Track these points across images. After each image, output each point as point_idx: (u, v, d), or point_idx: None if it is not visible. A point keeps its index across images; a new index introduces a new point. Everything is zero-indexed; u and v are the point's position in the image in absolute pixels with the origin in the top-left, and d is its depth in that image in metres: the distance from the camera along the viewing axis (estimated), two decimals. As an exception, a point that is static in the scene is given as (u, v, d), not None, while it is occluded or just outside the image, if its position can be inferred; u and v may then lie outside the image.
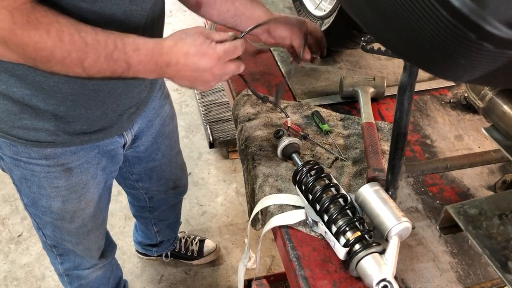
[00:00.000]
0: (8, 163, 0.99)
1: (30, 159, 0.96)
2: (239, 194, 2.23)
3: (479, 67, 0.36)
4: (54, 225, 1.14)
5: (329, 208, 0.81)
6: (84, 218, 1.16)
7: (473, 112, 1.16)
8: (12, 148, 0.94)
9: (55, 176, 1.01)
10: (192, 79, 0.80)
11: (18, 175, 1.02)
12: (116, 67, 0.75)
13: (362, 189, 0.82)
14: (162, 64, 0.78)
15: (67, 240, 1.20)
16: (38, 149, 0.94)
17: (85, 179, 1.06)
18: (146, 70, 0.78)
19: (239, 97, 1.16)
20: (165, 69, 0.78)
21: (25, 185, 1.03)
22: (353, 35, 1.17)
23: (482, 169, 1.01)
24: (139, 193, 1.45)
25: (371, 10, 0.41)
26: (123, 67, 0.75)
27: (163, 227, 1.69)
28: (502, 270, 0.56)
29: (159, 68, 0.78)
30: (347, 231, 0.78)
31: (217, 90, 2.64)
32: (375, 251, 0.75)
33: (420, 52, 0.40)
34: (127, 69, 0.76)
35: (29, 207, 1.11)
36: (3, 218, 2.10)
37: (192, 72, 0.79)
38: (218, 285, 1.88)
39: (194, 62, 0.77)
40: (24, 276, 1.89)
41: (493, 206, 0.63)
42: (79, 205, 1.11)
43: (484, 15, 0.30)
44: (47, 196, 1.04)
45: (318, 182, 0.85)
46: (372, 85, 1.15)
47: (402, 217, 0.76)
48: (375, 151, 0.97)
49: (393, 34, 0.41)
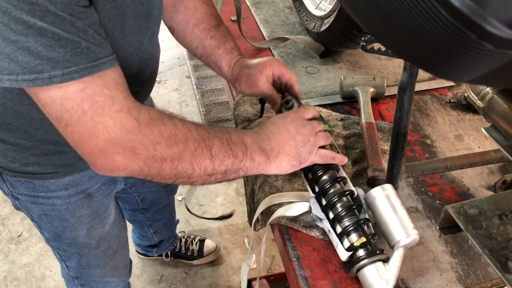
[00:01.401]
0: (24, 202, 0.96)
1: (49, 192, 0.93)
2: (239, 194, 2.23)
3: (479, 67, 0.36)
4: (80, 254, 1.12)
5: (335, 205, 0.79)
6: (110, 240, 1.14)
7: (473, 112, 1.16)
8: (29, 186, 0.92)
9: (76, 206, 0.98)
10: (292, 141, 0.79)
11: (37, 212, 0.99)
12: (237, 150, 0.74)
13: (373, 192, 0.77)
14: (263, 139, 0.78)
15: (94, 265, 1.17)
16: (56, 180, 0.92)
17: (105, 202, 1.05)
18: (257, 150, 0.76)
19: (239, 97, 1.16)
20: (268, 144, 0.78)
21: (45, 221, 1.00)
22: (353, 35, 1.17)
23: (482, 169, 1.01)
24: (131, 197, 1.44)
25: (371, 10, 0.41)
26: (242, 149, 0.74)
27: (159, 227, 1.68)
28: (502, 270, 0.56)
29: (263, 145, 0.77)
30: (351, 233, 0.76)
31: (217, 90, 2.64)
32: (379, 260, 0.74)
33: (420, 52, 0.40)
34: (245, 150, 0.75)
35: (51, 241, 1.08)
36: (3, 218, 2.10)
37: (286, 133, 0.79)
38: (218, 285, 1.88)
39: (285, 123, 0.80)
40: (24, 276, 1.88)
41: (493, 206, 0.63)
42: (103, 229, 1.09)
43: (484, 15, 0.30)
44: (71, 227, 1.02)
45: (327, 172, 0.82)
46: (372, 85, 1.15)
47: (411, 229, 0.73)
48: (375, 151, 0.97)
49: (393, 34, 0.41)
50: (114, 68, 0.64)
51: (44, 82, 0.58)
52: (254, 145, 0.76)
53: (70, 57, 0.58)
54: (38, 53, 0.56)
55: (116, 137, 0.63)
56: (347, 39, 1.20)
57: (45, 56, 0.56)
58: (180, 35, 0.99)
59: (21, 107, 0.78)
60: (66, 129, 0.63)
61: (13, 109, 0.79)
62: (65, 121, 0.62)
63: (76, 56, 0.58)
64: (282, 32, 1.44)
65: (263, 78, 0.91)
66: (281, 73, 0.92)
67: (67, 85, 0.59)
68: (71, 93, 0.60)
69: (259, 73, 0.91)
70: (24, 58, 0.56)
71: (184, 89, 2.87)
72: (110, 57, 0.63)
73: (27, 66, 0.57)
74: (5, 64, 0.57)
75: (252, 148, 0.76)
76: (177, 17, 0.97)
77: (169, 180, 0.70)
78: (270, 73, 0.91)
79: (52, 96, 0.60)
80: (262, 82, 0.91)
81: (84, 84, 0.60)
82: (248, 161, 0.75)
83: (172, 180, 0.71)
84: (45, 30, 0.55)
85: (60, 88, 0.59)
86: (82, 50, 0.59)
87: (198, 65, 3.01)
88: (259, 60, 0.93)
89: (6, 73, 0.58)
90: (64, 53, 0.57)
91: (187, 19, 0.96)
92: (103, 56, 0.62)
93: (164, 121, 0.67)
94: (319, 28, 1.29)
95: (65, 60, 0.58)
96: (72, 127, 0.62)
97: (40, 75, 0.57)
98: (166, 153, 0.66)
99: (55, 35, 0.56)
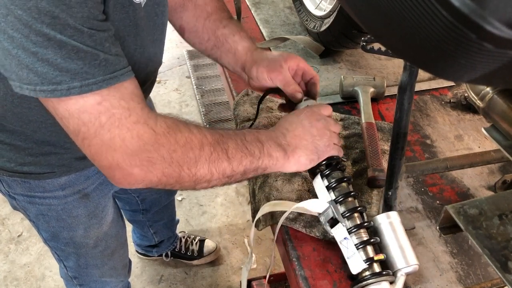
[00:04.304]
0: (21, 201, 0.96)
1: (45, 192, 0.94)
2: (239, 194, 2.23)
3: (479, 67, 0.36)
4: (77, 254, 1.12)
5: (352, 217, 0.77)
6: (107, 240, 1.14)
7: (473, 112, 1.16)
8: (25, 185, 0.92)
9: (73, 206, 0.99)
10: (308, 135, 0.78)
11: (34, 212, 0.99)
12: (253, 149, 0.73)
13: (379, 218, 0.78)
14: (278, 135, 0.77)
15: (92, 265, 1.17)
16: (53, 180, 0.92)
17: (103, 202, 1.05)
18: (273, 146, 0.75)
19: (239, 97, 1.16)
20: (283, 139, 0.77)
21: (42, 221, 1.01)
22: (353, 35, 1.17)
23: (482, 169, 1.01)
24: (131, 197, 1.43)
25: (371, 10, 0.41)
26: (258, 147, 0.74)
27: (159, 227, 1.68)
28: (502, 270, 0.56)
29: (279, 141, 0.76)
30: (368, 247, 0.74)
31: (217, 90, 2.65)
32: (386, 280, 0.72)
33: (420, 52, 0.40)
34: (262, 148, 0.74)
35: (49, 241, 1.08)
36: (3, 218, 2.10)
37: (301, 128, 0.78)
38: (218, 285, 1.88)
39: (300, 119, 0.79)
40: (24, 276, 1.88)
41: (493, 206, 0.63)
42: (101, 229, 1.09)
43: (484, 15, 0.30)
44: (68, 227, 1.02)
45: (340, 184, 0.79)
46: (372, 85, 1.15)
47: (412, 258, 0.74)
48: (375, 151, 0.96)
49: (393, 34, 0.41)
50: (131, 80, 0.64)
51: (63, 93, 0.58)
52: (270, 141, 0.75)
53: (89, 69, 0.58)
54: (57, 64, 0.57)
55: (133, 149, 0.62)
56: (347, 39, 1.20)
57: (64, 68, 0.57)
58: (191, 32, 0.97)
59: (21, 110, 0.78)
60: (83, 142, 0.63)
61: (12, 112, 0.79)
62: (82, 134, 0.62)
63: (94, 68, 0.59)
64: (282, 32, 1.44)
65: (286, 67, 0.88)
66: (307, 69, 0.90)
67: (84, 98, 0.59)
68: (89, 106, 0.60)
69: (283, 61, 0.88)
70: (44, 69, 0.57)
71: (184, 89, 2.87)
72: (126, 68, 0.63)
73: (46, 77, 0.57)
74: (23, 74, 0.57)
75: (268, 145, 0.75)
76: (187, 15, 0.96)
77: (189, 187, 0.70)
78: (295, 65, 0.89)
79: (69, 109, 0.60)
80: (285, 69, 0.88)
81: (101, 97, 0.60)
82: (266, 158, 0.74)
83: (192, 187, 0.70)
84: (65, 43, 0.56)
85: (77, 101, 0.60)
86: (100, 62, 0.59)
87: (198, 65, 3.01)
88: (283, 52, 0.92)
89: (25, 83, 0.58)
90: (82, 65, 0.58)
91: (197, 14, 0.96)
92: (120, 68, 0.62)
93: (180, 128, 0.67)
94: (319, 28, 1.29)
95: (84, 72, 0.58)
96: (89, 140, 0.62)
97: (59, 86, 0.58)
98: (183, 161, 0.66)
99: (74, 48, 0.57)
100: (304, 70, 0.90)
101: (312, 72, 0.91)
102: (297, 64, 0.89)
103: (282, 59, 0.88)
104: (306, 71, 0.90)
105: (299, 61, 0.89)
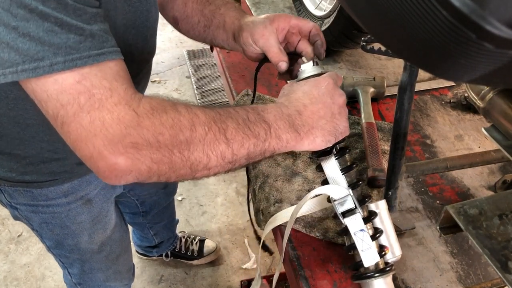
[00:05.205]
0: (24, 211, 0.95)
1: (48, 200, 0.92)
2: (239, 194, 2.23)
3: (479, 67, 0.36)
4: (82, 260, 1.11)
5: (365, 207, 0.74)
6: (112, 245, 1.13)
7: (473, 112, 1.16)
8: (27, 195, 0.91)
9: (77, 212, 0.97)
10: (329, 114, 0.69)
11: (37, 221, 0.97)
12: (258, 130, 0.64)
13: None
14: (291, 113, 0.68)
15: (97, 269, 1.16)
16: (55, 188, 0.91)
17: (106, 207, 1.04)
18: (283, 128, 0.66)
19: (239, 97, 1.16)
20: (298, 118, 0.68)
21: (46, 229, 0.99)
22: (353, 35, 1.17)
23: (482, 169, 1.01)
24: (131, 200, 1.43)
25: (371, 10, 0.41)
26: (264, 127, 0.65)
27: (159, 229, 1.68)
28: (502, 270, 0.56)
29: (292, 120, 0.67)
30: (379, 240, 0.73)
31: (217, 90, 2.65)
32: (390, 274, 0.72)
33: (420, 52, 0.40)
34: (269, 128, 0.65)
35: (53, 249, 1.07)
36: (3, 218, 2.10)
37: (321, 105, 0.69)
38: (218, 285, 1.88)
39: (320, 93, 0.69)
40: (24, 276, 1.89)
41: (493, 206, 0.63)
42: (105, 234, 1.08)
43: (484, 15, 0.30)
44: (72, 234, 1.01)
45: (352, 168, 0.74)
46: (372, 85, 1.15)
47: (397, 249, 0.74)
48: (375, 151, 0.96)
49: (393, 34, 0.41)
50: (117, 60, 0.59)
51: (45, 70, 0.53)
52: (279, 122, 0.66)
53: (73, 44, 0.54)
54: (39, 38, 0.52)
55: (114, 133, 0.56)
56: (347, 39, 1.20)
57: (46, 42, 0.53)
58: (183, 20, 0.93)
59: (17, 113, 0.76)
60: (62, 128, 0.57)
61: (8, 116, 0.77)
62: (61, 118, 0.56)
63: (79, 44, 0.54)
64: (282, 32, 1.44)
65: (272, 28, 0.79)
66: (302, 23, 0.80)
67: (63, 75, 0.54)
68: (67, 86, 0.55)
69: (268, 22, 0.79)
70: (25, 45, 0.53)
71: (184, 89, 2.87)
72: (115, 48, 0.59)
73: (27, 54, 0.53)
74: (5, 55, 0.54)
75: (277, 126, 0.66)
76: (177, 4, 0.94)
77: (186, 175, 0.62)
78: (285, 24, 0.79)
79: (48, 90, 0.55)
80: (269, 31, 0.79)
81: (81, 75, 0.55)
82: (273, 141, 0.65)
83: (190, 175, 0.62)
84: (48, 14, 0.52)
85: (56, 80, 0.54)
86: (86, 38, 0.55)
87: (198, 65, 3.01)
88: (271, 14, 0.83)
89: (7, 66, 0.54)
90: (66, 39, 0.53)
91: (185, 0, 0.93)
92: (108, 46, 0.58)
93: (166, 109, 0.59)
94: (319, 28, 1.29)
95: (68, 46, 0.53)
96: (68, 124, 0.56)
97: (41, 63, 0.53)
98: (172, 144, 0.58)
99: (58, 20, 0.52)
100: (299, 26, 0.80)
101: (309, 24, 0.80)
102: (288, 22, 0.80)
103: (267, 20, 0.79)
104: (301, 27, 0.80)
105: (289, 18, 0.80)
